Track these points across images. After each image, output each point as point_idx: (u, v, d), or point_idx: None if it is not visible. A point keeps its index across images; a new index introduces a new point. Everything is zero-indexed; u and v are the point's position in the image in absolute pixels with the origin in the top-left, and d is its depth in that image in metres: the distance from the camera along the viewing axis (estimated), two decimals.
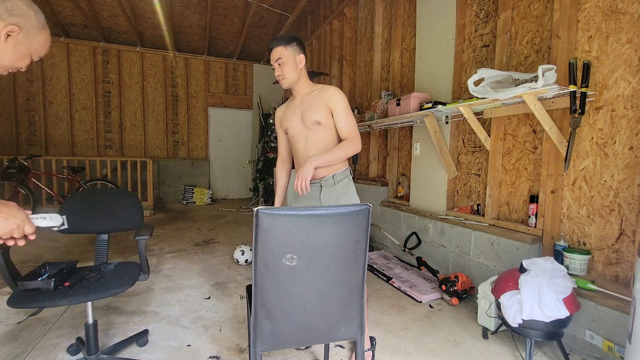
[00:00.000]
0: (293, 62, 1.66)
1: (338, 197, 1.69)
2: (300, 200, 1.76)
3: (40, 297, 1.38)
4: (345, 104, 1.65)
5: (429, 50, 3.08)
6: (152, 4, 5.36)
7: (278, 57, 1.65)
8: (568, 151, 1.95)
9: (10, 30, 0.91)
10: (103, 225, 1.79)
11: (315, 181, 1.70)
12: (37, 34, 1.01)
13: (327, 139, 1.67)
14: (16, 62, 0.98)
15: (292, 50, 1.65)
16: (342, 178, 1.71)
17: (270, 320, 1.06)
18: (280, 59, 1.64)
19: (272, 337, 1.08)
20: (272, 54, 1.67)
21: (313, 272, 1.05)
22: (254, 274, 1.02)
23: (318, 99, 1.66)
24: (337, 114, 1.64)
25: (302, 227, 1.02)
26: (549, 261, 1.73)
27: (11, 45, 0.93)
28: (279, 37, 1.68)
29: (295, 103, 1.76)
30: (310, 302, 1.08)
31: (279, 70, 1.67)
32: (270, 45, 1.68)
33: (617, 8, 1.83)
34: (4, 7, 0.90)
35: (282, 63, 1.65)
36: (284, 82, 1.69)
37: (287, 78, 1.67)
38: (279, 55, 1.65)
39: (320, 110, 1.64)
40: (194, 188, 7.02)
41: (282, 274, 1.03)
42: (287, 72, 1.66)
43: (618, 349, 1.65)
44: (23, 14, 0.96)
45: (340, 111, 1.64)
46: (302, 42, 1.72)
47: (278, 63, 1.65)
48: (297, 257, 1.02)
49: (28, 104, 6.06)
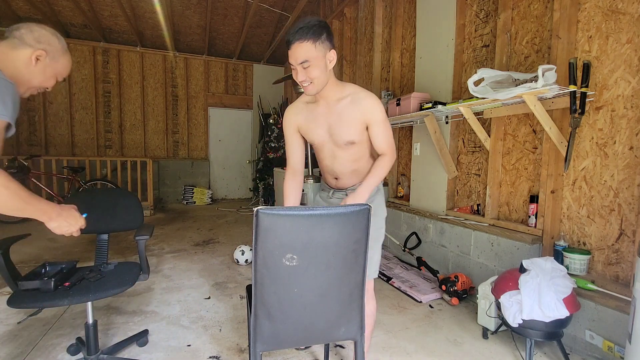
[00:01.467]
0: (323, 63, 1.24)
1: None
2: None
3: (40, 297, 1.38)
4: (384, 116, 1.35)
5: (429, 50, 3.08)
6: (152, 4, 5.35)
7: (304, 59, 1.21)
8: (568, 151, 1.95)
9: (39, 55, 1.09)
10: (103, 225, 1.79)
11: (342, 191, 1.54)
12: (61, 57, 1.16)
13: (359, 154, 1.44)
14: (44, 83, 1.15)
15: (322, 47, 1.22)
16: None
17: (270, 320, 1.06)
18: (306, 62, 1.21)
19: (272, 337, 1.08)
20: (294, 52, 1.21)
21: (313, 272, 1.05)
22: (254, 274, 1.02)
23: (351, 111, 1.32)
24: (374, 129, 1.34)
25: (302, 227, 1.02)
26: (549, 261, 1.73)
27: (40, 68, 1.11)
28: (303, 25, 1.19)
29: (320, 111, 1.39)
30: (310, 302, 1.08)
31: (303, 74, 1.24)
32: (290, 39, 1.20)
33: (617, 8, 1.83)
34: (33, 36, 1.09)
35: (310, 66, 1.22)
36: (310, 88, 1.28)
37: (316, 84, 1.26)
38: (306, 57, 1.20)
39: (355, 126, 1.33)
40: (194, 188, 7.02)
41: (282, 274, 1.03)
42: (316, 76, 1.24)
43: (618, 349, 1.65)
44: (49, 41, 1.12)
45: (379, 125, 1.34)
46: (329, 28, 1.26)
47: (304, 66, 1.22)
48: (297, 257, 1.02)
49: (28, 104, 6.05)
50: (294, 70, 1.26)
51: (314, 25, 1.19)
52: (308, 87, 1.27)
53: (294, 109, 1.49)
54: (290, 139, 1.50)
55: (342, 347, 1.84)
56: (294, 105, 1.49)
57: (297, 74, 1.25)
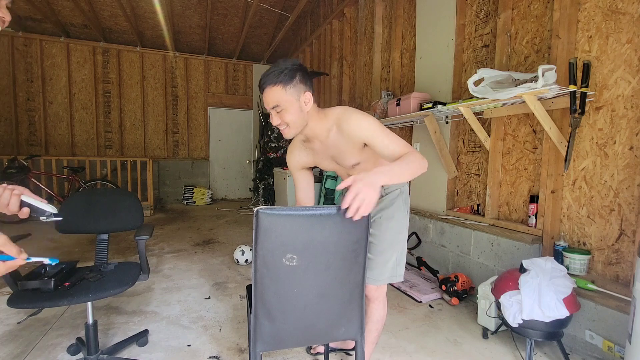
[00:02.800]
0: (297, 106, 1.20)
1: (383, 209, 1.47)
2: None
3: (40, 297, 1.38)
4: (376, 126, 1.22)
5: (429, 50, 3.08)
6: (152, 4, 5.36)
7: (275, 104, 1.18)
8: (568, 151, 1.95)
9: None
10: (103, 225, 1.79)
11: None
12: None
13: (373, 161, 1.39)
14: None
15: (294, 90, 1.18)
16: (393, 189, 1.49)
17: (271, 320, 1.06)
18: (278, 107, 1.19)
19: (272, 337, 1.08)
20: (265, 96, 1.19)
21: (313, 272, 1.05)
22: (254, 274, 1.02)
23: (342, 139, 1.28)
24: (373, 144, 1.21)
25: (303, 227, 1.02)
26: (549, 261, 1.73)
27: None
28: (274, 69, 1.17)
29: (318, 148, 1.39)
30: (310, 302, 1.08)
31: (277, 118, 1.21)
32: (262, 82, 1.18)
33: (617, 8, 1.83)
34: None
35: (282, 111, 1.19)
36: (287, 132, 1.24)
37: (292, 127, 1.23)
38: (277, 102, 1.18)
39: (352, 151, 1.30)
40: (194, 188, 7.01)
41: (282, 274, 1.03)
42: (290, 120, 1.21)
43: (618, 349, 1.65)
44: None
45: (376, 137, 1.20)
46: (305, 69, 1.24)
47: (276, 110, 1.20)
48: (297, 257, 1.02)
49: (28, 104, 6.06)
50: (270, 115, 1.25)
51: (285, 68, 1.17)
52: (285, 130, 1.25)
53: (295, 150, 1.49)
54: (295, 176, 1.52)
55: (349, 354, 1.83)
56: (294, 146, 1.50)
57: (272, 118, 1.23)
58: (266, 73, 1.18)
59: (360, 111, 1.27)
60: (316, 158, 1.44)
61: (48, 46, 6.11)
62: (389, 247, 1.48)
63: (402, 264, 1.52)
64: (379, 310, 1.55)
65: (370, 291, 1.51)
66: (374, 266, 1.47)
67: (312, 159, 1.45)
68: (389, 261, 1.49)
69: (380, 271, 1.48)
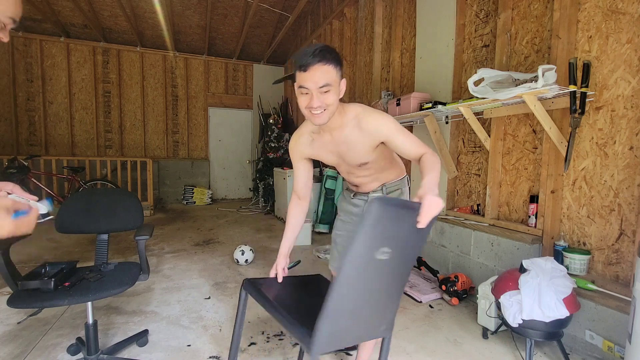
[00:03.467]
0: (338, 91, 1.15)
1: None
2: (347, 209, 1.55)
3: (40, 297, 1.38)
4: (395, 126, 1.23)
5: (429, 50, 3.08)
6: (152, 4, 5.36)
7: (325, 83, 1.09)
8: (568, 151, 1.96)
9: None
10: (103, 225, 1.79)
11: (363, 195, 1.48)
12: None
13: (377, 166, 1.39)
14: None
15: (340, 74, 1.14)
16: (394, 190, 1.47)
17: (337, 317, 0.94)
18: (327, 86, 1.10)
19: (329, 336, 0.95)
20: (313, 73, 1.08)
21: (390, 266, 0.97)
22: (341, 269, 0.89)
23: (358, 136, 1.25)
24: (392, 141, 1.23)
25: (403, 219, 0.93)
26: (549, 261, 1.73)
27: None
28: (322, 47, 1.09)
29: (325, 140, 1.33)
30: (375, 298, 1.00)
31: (318, 99, 1.11)
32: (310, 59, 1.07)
33: (617, 8, 1.83)
34: None
35: (330, 91, 1.11)
36: (322, 116, 1.15)
37: (328, 111, 1.15)
38: (327, 81, 1.09)
39: (364, 150, 1.28)
40: (194, 188, 7.01)
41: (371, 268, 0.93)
42: (332, 102, 1.14)
43: (618, 349, 1.65)
44: None
45: (396, 136, 1.22)
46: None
47: (323, 90, 1.10)
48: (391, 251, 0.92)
49: (28, 104, 6.06)
50: (305, 95, 1.13)
51: (333, 50, 1.12)
52: (320, 115, 1.14)
53: (299, 139, 1.40)
54: (295, 165, 1.45)
55: (349, 354, 1.83)
56: (299, 135, 1.40)
57: (310, 99, 1.11)
58: (311, 50, 1.08)
59: (377, 109, 1.28)
60: (320, 151, 1.36)
61: (48, 46, 6.11)
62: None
63: None
64: None
65: None
66: None
67: (316, 151, 1.37)
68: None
69: None
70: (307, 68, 1.07)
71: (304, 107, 1.15)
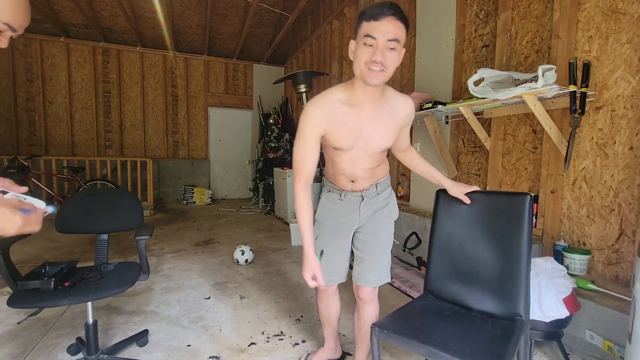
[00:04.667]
0: (401, 55, 1.10)
1: (379, 208, 1.44)
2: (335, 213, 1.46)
3: (40, 297, 1.38)
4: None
5: (429, 50, 3.08)
6: (152, 4, 5.36)
7: (395, 37, 1.03)
8: (568, 151, 1.95)
9: None
10: (103, 225, 1.79)
11: (356, 193, 1.42)
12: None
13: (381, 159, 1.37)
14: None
15: (406, 36, 1.09)
16: (385, 187, 1.47)
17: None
18: (396, 41, 1.04)
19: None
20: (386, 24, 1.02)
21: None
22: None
23: (391, 116, 1.20)
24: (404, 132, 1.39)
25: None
26: (549, 261, 1.73)
27: None
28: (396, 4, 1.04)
29: (353, 111, 1.18)
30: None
31: (381, 54, 1.04)
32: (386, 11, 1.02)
33: (617, 8, 1.83)
34: None
35: (395, 50, 1.06)
36: (380, 76, 1.07)
37: (387, 73, 1.08)
38: (397, 36, 1.04)
39: (390, 135, 1.23)
40: (194, 188, 7.02)
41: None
42: (393, 64, 1.08)
43: (618, 349, 1.65)
44: None
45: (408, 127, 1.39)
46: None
47: (390, 46, 1.04)
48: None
49: (28, 104, 6.06)
50: (368, 48, 1.04)
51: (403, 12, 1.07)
52: (377, 73, 1.06)
53: (324, 106, 1.18)
54: (305, 140, 1.20)
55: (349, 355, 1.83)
56: (324, 101, 1.18)
57: (374, 52, 1.04)
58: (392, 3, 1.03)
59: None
60: (341, 126, 1.18)
61: (48, 46, 6.11)
62: (387, 247, 1.48)
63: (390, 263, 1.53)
64: (375, 310, 1.54)
65: (367, 294, 1.49)
66: (374, 267, 1.45)
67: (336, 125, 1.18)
68: (386, 261, 1.48)
69: (380, 272, 1.47)
70: (379, 17, 1.02)
71: (362, 62, 1.06)
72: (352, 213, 1.43)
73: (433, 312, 1.33)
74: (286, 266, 3.20)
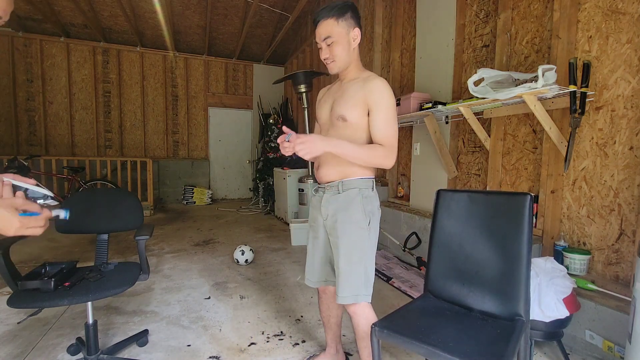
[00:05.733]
0: (346, 41, 1.30)
1: (339, 210, 1.34)
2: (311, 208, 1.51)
3: (40, 297, 1.38)
4: (388, 102, 1.27)
5: (429, 50, 3.08)
6: (152, 4, 5.36)
7: (326, 36, 1.29)
8: (568, 151, 1.95)
9: None
10: (103, 225, 1.79)
11: (322, 185, 1.42)
12: None
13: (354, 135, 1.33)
14: None
15: (345, 24, 1.29)
16: (351, 188, 1.34)
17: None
18: (329, 38, 1.29)
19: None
20: (317, 29, 1.32)
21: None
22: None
23: (356, 90, 1.31)
24: (374, 113, 1.27)
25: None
26: (549, 261, 1.73)
27: None
28: (328, 6, 1.29)
29: (334, 88, 1.46)
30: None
31: (326, 52, 1.32)
32: (316, 17, 1.31)
33: (617, 8, 1.83)
34: None
35: (333, 43, 1.30)
36: (332, 66, 1.34)
37: (337, 61, 1.32)
38: (328, 33, 1.29)
39: (353, 105, 1.30)
40: (194, 188, 7.02)
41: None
42: (338, 54, 1.31)
43: (618, 349, 1.65)
44: None
45: (379, 110, 1.26)
46: (356, 9, 1.34)
47: (326, 43, 1.31)
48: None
49: (28, 104, 6.06)
50: (320, 50, 1.35)
51: (337, 5, 1.29)
52: (330, 64, 1.34)
53: (322, 90, 1.56)
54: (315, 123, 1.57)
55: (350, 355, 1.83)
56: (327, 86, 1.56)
57: (322, 51, 1.34)
58: (320, 9, 1.32)
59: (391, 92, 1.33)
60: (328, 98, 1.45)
61: (48, 46, 6.11)
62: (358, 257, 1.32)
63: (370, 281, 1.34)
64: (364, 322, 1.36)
65: (349, 308, 1.36)
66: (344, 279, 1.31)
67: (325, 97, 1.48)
68: (359, 274, 1.31)
69: (352, 286, 1.31)
70: (315, 24, 1.33)
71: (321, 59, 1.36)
72: (317, 209, 1.45)
73: (433, 312, 1.33)
74: (286, 266, 3.20)
